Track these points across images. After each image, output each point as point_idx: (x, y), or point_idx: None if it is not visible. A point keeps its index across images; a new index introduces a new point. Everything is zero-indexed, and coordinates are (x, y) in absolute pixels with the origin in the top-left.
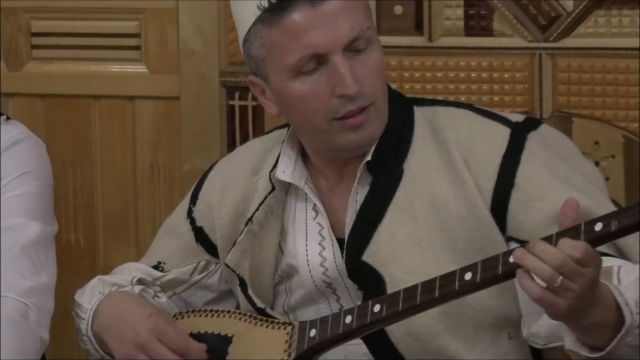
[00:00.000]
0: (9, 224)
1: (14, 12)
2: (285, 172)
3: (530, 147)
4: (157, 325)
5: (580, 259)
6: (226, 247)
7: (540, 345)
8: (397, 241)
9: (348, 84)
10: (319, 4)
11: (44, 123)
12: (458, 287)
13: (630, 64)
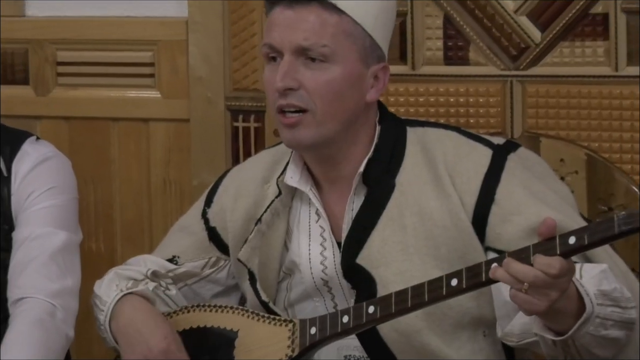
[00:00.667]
0: (38, 233)
1: (41, 44)
2: (293, 178)
3: (510, 168)
4: (169, 349)
5: (556, 275)
6: (237, 246)
7: (514, 342)
8: (387, 246)
9: (278, 79)
10: (293, 8)
11: (68, 143)
12: (445, 292)
13: (592, 89)
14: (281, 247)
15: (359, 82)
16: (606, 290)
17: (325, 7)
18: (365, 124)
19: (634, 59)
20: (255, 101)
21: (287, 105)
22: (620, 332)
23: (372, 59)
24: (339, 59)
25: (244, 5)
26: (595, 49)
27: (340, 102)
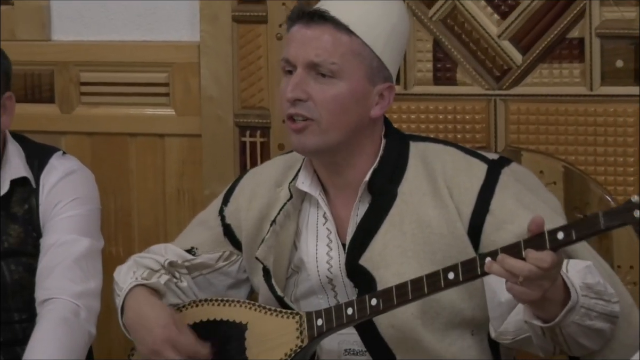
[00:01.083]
0: (64, 240)
1: (66, 66)
2: (304, 183)
3: (503, 181)
4: (171, 335)
5: (548, 268)
6: (250, 243)
7: (509, 339)
8: (388, 250)
9: (289, 89)
10: (310, 27)
11: (90, 156)
12: (444, 284)
13: (568, 107)
14: (291, 246)
15: (364, 98)
16: (590, 283)
17: (338, 28)
18: (371, 137)
19: (607, 80)
20: (261, 118)
21: (295, 114)
22: (604, 324)
23: (379, 79)
24: (346, 76)
25: (251, 31)
26: (571, 70)
27: (345, 115)
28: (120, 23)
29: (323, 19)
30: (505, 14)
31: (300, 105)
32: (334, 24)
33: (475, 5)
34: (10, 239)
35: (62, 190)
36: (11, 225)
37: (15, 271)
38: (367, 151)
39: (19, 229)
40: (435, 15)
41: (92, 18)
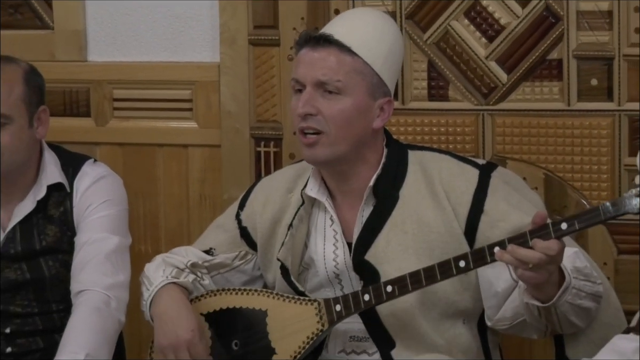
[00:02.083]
0: (95, 238)
1: (101, 84)
2: (312, 190)
3: (493, 184)
4: (193, 340)
5: (555, 255)
6: (264, 244)
7: (506, 325)
8: (391, 247)
9: (300, 105)
10: (316, 50)
11: (122, 164)
12: (456, 271)
13: (548, 121)
14: (302, 246)
15: (367, 111)
16: (579, 267)
17: (342, 49)
18: (373, 147)
19: (583, 96)
20: (275, 130)
21: (307, 128)
22: (591, 303)
23: (379, 94)
24: (350, 92)
25: (265, 53)
26: (551, 88)
27: (350, 127)
28: (149, 45)
29: (328, 42)
30: (492, 37)
31: (311, 119)
32: (338, 46)
33: (465, 29)
34: (48, 238)
35: (93, 193)
36: (48, 225)
37: (53, 266)
38: (371, 160)
39: (55, 229)
40: (430, 38)
41: (124, 41)
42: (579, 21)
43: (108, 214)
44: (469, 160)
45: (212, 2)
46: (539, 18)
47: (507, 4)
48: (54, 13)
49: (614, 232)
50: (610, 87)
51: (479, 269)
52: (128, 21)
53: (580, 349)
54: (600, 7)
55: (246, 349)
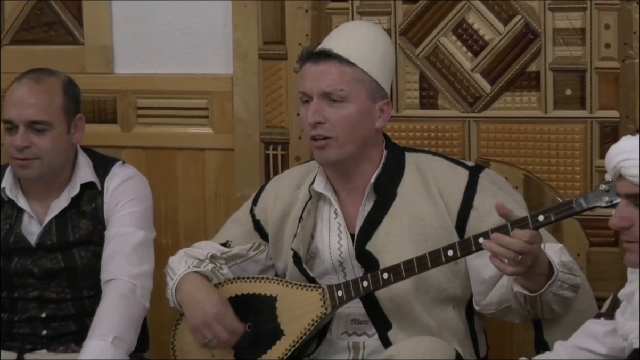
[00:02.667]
0: (123, 232)
1: (126, 94)
2: (319, 186)
3: (481, 183)
4: (219, 312)
5: (528, 240)
6: (275, 235)
7: (493, 310)
8: (389, 238)
9: (309, 116)
10: (318, 64)
11: (145, 166)
12: (444, 260)
13: (527, 127)
14: (310, 236)
15: (369, 114)
16: (564, 261)
17: (342, 61)
18: (375, 148)
19: (559, 105)
20: (282, 135)
21: (317, 135)
22: (571, 293)
23: (378, 97)
24: (353, 99)
25: (273, 66)
26: (530, 97)
27: (356, 129)
28: (169, 59)
29: (328, 56)
30: (477, 52)
31: (320, 127)
32: (338, 59)
33: (453, 45)
34: (81, 231)
35: (121, 192)
36: (81, 220)
37: (85, 257)
38: (373, 160)
39: (87, 223)
40: (421, 53)
41: (147, 55)
42: (555, 37)
43: (135, 210)
44: (459, 162)
45: (225, 20)
46: (519, 34)
47: (491, 22)
48: (84, 30)
49: (586, 226)
50: (583, 96)
51: (468, 259)
52: (151, 37)
53: (557, 333)
54: (574, 25)
55: (258, 330)
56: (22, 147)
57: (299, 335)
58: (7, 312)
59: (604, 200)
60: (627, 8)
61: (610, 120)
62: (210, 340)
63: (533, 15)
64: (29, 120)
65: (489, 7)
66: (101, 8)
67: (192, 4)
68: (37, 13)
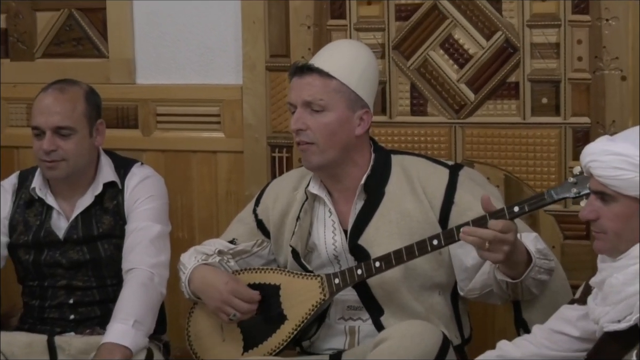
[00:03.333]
0: (142, 226)
1: (146, 102)
2: (314, 187)
3: (461, 181)
4: (232, 287)
5: (501, 229)
6: (276, 232)
7: (476, 294)
8: (379, 233)
9: (292, 123)
10: (302, 77)
11: (164, 167)
12: (430, 248)
13: (507, 132)
14: (307, 233)
15: (348, 122)
16: (540, 248)
17: (322, 74)
18: (360, 151)
19: (536, 112)
20: (287, 139)
21: (299, 141)
22: (547, 276)
23: (357, 107)
24: (332, 108)
25: (279, 77)
26: (510, 105)
27: (335, 136)
28: (185, 71)
29: (310, 70)
30: (462, 64)
31: (302, 134)
32: (319, 72)
33: (440, 58)
34: (104, 226)
35: (140, 190)
36: (104, 216)
37: (108, 249)
38: (359, 163)
39: (110, 219)
40: (412, 65)
41: (165, 67)
42: (533, 51)
43: (152, 206)
44: (440, 162)
45: (236, 35)
46: (500, 49)
47: (474, 37)
48: (108, 45)
49: (560, 221)
50: (557, 104)
51: (451, 249)
52: (169, 51)
53: (534, 312)
54: (549, 40)
55: (264, 315)
56: (49, 151)
57: (300, 320)
58: (38, 299)
59: (572, 192)
60: (597, 25)
61: (582, 126)
62: (234, 315)
63: (513, 31)
64: (55, 126)
65: (473, 23)
66: (124, 25)
67: (206, 21)
68: (67, 29)
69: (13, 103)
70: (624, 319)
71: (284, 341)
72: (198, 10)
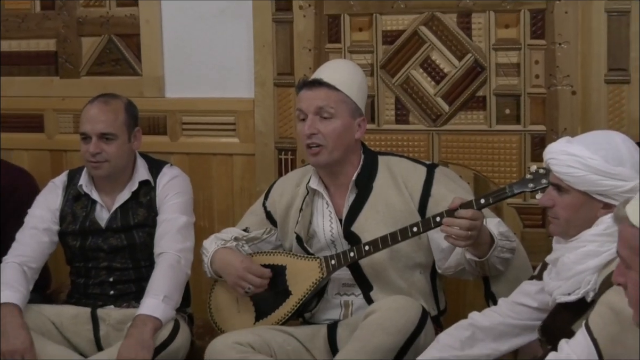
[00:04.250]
0: (170, 217)
1: (174, 113)
2: (314, 183)
3: (437, 177)
4: (246, 265)
5: (471, 217)
6: (282, 223)
7: (451, 271)
8: (368, 222)
9: (305, 129)
10: (312, 89)
11: (189, 168)
12: (411, 234)
13: (476, 138)
14: (308, 222)
15: (350, 128)
16: (502, 231)
17: (329, 87)
18: (354, 154)
19: (500, 121)
20: (291, 144)
21: (312, 143)
22: (509, 255)
23: (356, 115)
24: (339, 116)
25: (285, 92)
26: (478, 115)
27: (341, 139)
28: (207, 86)
29: (319, 84)
30: (438, 81)
31: (314, 137)
32: (327, 86)
33: (420, 76)
34: (139, 217)
35: (169, 187)
36: (139, 208)
37: (142, 236)
38: (353, 162)
39: (144, 211)
40: (396, 82)
41: (189, 84)
42: (497, 70)
43: (179, 201)
44: (419, 161)
45: (248, 57)
46: (470, 68)
47: (449, 58)
48: (142, 64)
49: (520, 212)
50: (518, 115)
51: (430, 234)
52: (192, 70)
53: (500, 286)
54: (511, 61)
55: (273, 291)
56: (95, 153)
57: (303, 295)
58: (83, 277)
59: (529, 187)
60: (551, 48)
61: (538, 132)
62: (249, 288)
63: (481, 53)
64: (99, 133)
65: (447, 47)
66: (155, 48)
67: (224, 45)
68: (107, 52)
69: (62, 114)
70: (574, 292)
71: (289, 313)
72: (217, 36)
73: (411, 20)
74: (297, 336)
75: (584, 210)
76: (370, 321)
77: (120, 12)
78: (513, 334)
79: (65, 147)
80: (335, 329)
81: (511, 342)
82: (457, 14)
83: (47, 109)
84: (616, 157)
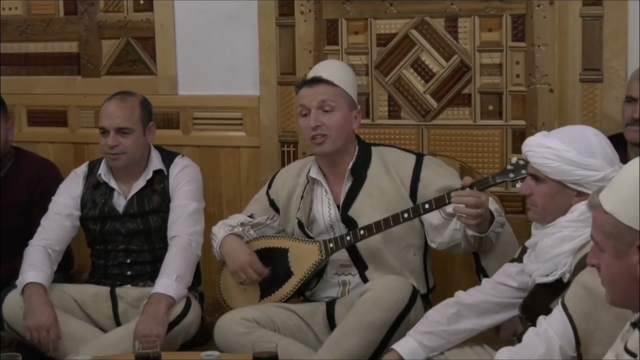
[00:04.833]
0: (182, 204)
1: (186, 109)
2: (314, 173)
3: (425, 164)
4: (250, 259)
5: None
6: (284, 209)
7: (445, 246)
8: (364, 206)
9: (311, 122)
10: (312, 87)
11: (199, 159)
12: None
13: (462, 132)
14: (309, 209)
15: (349, 119)
16: (496, 208)
17: (329, 83)
18: (350, 145)
19: (484, 116)
20: (293, 137)
21: (317, 134)
22: (501, 229)
23: (353, 107)
24: (339, 108)
25: (287, 90)
26: (464, 111)
27: (342, 130)
28: (216, 85)
29: (319, 81)
30: (427, 80)
31: (319, 129)
32: (326, 82)
33: (411, 75)
34: (153, 203)
35: (181, 176)
36: (154, 195)
37: (157, 221)
38: (349, 152)
39: (158, 198)
40: (389, 80)
41: (201, 82)
42: (482, 70)
43: (190, 188)
44: (409, 150)
45: (254, 57)
46: (456, 68)
47: (437, 59)
48: (157, 65)
49: (503, 199)
50: (500, 110)
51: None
52: (203, 70)
53: (489, 261)
54: (494, 61)
55: (276, 271)
56: (112, 146)
57: (303, 275)
58: (103, 259)
59: (509, 177)
60: (531, 50)
61: (519, 127)
62: (245, 280)
63: (466, 54)
64: (117, 127)
65: (435, 48)
66: (169, 49)
67: (232, 46)
68: (125, 53)
69: (84, 110)
70: (551, 274)
71: (291, 291)
72: (225, 39)
73: (403, 25)
74: (299, 312)
75: (559, 198)
76: (365, 299)
77: (137, 16)
78: (495, 311)
79: (87, 140)
80: (334, 306)
81: (493, 318)
82: (445, 18)
83: (70, 106)
84: (588, 149)
